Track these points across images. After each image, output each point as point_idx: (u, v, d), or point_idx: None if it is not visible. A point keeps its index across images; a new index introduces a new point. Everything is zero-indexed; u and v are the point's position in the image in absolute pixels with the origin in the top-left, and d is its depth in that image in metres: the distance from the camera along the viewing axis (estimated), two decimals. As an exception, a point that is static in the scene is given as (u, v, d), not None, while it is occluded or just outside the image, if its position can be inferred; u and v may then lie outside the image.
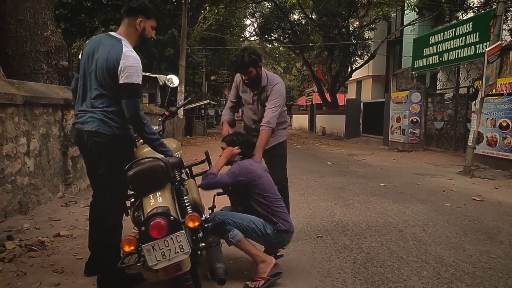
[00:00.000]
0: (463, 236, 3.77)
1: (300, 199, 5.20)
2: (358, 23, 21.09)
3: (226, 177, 2.73)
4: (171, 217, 1.95)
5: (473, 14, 13.91)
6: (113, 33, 2.39)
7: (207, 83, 28.54)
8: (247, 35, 29.67)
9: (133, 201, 2.35)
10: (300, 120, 30.38)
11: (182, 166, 2.51)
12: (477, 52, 9.46)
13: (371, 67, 22.57)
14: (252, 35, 28.91)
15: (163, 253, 1.91)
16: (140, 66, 2.27)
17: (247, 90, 3.36)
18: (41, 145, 4.34)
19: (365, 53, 21.11)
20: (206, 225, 2.21)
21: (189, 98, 3.38)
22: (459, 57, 10.29)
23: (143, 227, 1.91)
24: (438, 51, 11.19)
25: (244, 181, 2.71)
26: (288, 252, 3.19)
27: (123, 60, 2.20)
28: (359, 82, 26.10)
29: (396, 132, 13.40)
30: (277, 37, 25.83)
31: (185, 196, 2.32)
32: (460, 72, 11.52)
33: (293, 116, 34.72)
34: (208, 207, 2.95)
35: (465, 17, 14.67)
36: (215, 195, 2.93)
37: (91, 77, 2.32)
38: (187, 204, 2.28)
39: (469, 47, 9.84)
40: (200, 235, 2.17)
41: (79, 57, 2.46)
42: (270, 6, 23.45)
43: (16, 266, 2.83)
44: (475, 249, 3.41)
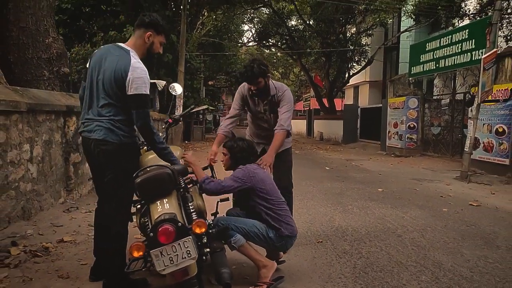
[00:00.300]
0: (460, 241, 3.83)
1: (299, 204, 5.25)
2: (355, 29, 21.25)
3: (230, 181, 2.76)
4: (179, 223, 2.00)
5: (469, 21, 14.07)
6: (121, 44, 2.45)
7: (205, 88, 28.63)
8: (245, 40, 29.84)
9: (139, 207, 2.40)
10: (298, 125, 30.49)
11: (187, 173, 2.56)
12: (473, 59, 9.59)
13: (368, 73, 22.72)
14: (250, 40, 29.09)
15: (171, 259, 1.96)
16: (148, 76, 2.34)
17: (255, 101, 3.41)
18: (43, 152, 4.39)
19: (362, 59, 21.28)
20: (210, 231, 2.27)
21: (192, 106, 3.41)
22: (455, 63, 10.42)
23: (152, 233, 1.97)
24: (435, 57, 11.33)
25: (248, 186, 2.76)
26: (289, 257, 3.24)
27: (131, 72, 2.27)
28: (356, 88, 26.26)
29: (394, 138, 13.50)
30: (275, 42, 26.01)
31: (190, 203, 2.37)
32: (456, 78, 11.65)
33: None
34: (211, 213, 3.00)
35: (461, 24, 14.84)
36: (218, 201, 2.99)
37: (98, 86, 2.38)
38: (192, 211, 2.33)
39: (465, 54, 9.97)
40: (204, 240, 2.22)
41: (86, 65, 2.52)
42: (268, 12, 23.63)
43: (22, 271, 2.87)
44: (472, 254, 3.47)
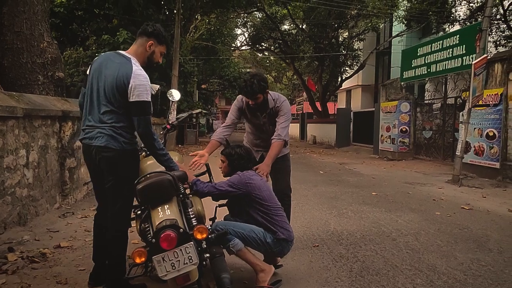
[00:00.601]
0: (454, 245, 3.90)
1: (295, 208, 5.28)
2: (347, 33, 21.45)
3: (225, 186, 2.79)
4: (180, 229, 2.03)
5: (459, 27, 14.30)
6: (122, 52, 2.49)
7: (198, 92, 28.62)
8: (238, 44, 29.92)
9: (139, 213, 2.43)
10: (291, 129, 30.64)
11: (186, 179, 2.59)
12: (463, 64, 9.75)
13: (361, 77, 22.92)
14: (243, 44, 29.15)
15: (172, 264, 1.99)
16: (149, 83, 2.37)
17: (254, 114, 3.44)
18: (39, 157, 4.39)
19: (354, 63, 21.47)
20: (209, 236, 2.30)
21: (189, 112, 3.42)
22: (446, 68, 10.58)
23: (154, 239, 1.99)
24: (426, 62, 11.49)
25: (244, 192, 2.80)
26: (286, 262, 3.27)
27: (133, 79, 2.30)
28: (349, 92, 26.46)
29: (386, 141, 13.63)
30: (268, 46, 26.12)
31: (190, 208, 2.40)
32: (447, 83, 11.82)
33: (284, 124, 34.83)
34: (209, 218, 3.03)
35: (452, 29, 15.09)
36: (216, 207, 3.02)
37: (99, 93, 2.40)
38: (192, 216, 2.36)
39: (456, 59, 10.13)
40: (204, 245, 2.25)
41: (87, 72, 2.55)
42: (261, 16, 23.72)
43: (20, 278, 2.87)
44: (465, 257, 3.54)
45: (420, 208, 5.54)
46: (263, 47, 26.37)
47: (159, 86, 3.59)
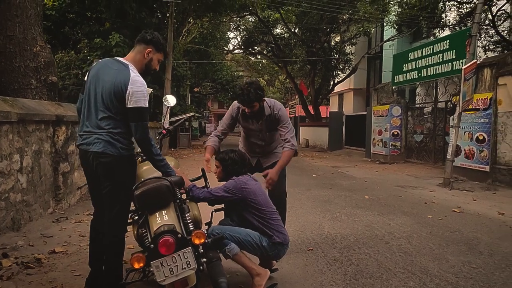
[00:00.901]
0: (445, 247, 3.97)
1: (289, 212, 5.28)
2: (339, 38, 21.66)
3: (221, 191, 2.82)
4: (179, 235, 2.05)
5: (449, 32, 14.52)
6: (120, 58, 2.51)
7: (191, 95, 28.61)
8: (231, 48, 29.99)
9: (136, 218, 2.44)
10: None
11: (183, 184, 2.62)
12: (454, 69, 9.90)
13: (353, 81, 23.12)
14: (235, 48, 29.24)
15: (171, 269, 2.01)
16: (147, 90, 2.40)
17: (250, 122, 3.46)
18: (33, 162, 4.37)
19: (346, 67, 21.67)
20: (206, 241, 2.32)
21: (183, 116, 3.45)
22: (437, 73, 10.73)
23: (152, 245, 2.01)
24: (417, 67, 11.64)
25: (239, 197, 2.83)
26: (282, 265, 3.30)
27: (131, 85, 2.32)
28: (341, 95, 26.65)
29: (378, 145, 13.75)
30: (261, 50, 26.22)
31: (187, 213, 2.42)
32: (438, 87, 11.98)
33: (276, 128, 34.95)
34: (205, 222, 3.05)
35: (442, 34, 15.31)
36: (212, 211, 3.04)
37: (97, 99, 2.42)
38: (189, 221, 2.39)
39: (446, 64, 10.28)
40: (201, 250, 2.27)
41: (85, 78, 2.57)
42: (254, 20, 23.84)
43: (15, 284, 2.86)
44: (457, 259, 3.61)
45: (412, 211, 5.61)
46: (256, 50, 26.49)
47: (151, 89, 3.62)
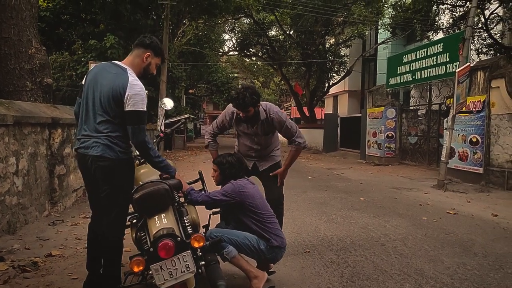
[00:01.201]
0: (440, 249, 4.01)
1: (285, 214, 5.24)
2: (334, 40, 21.76)
3: (219, 195, 2.84)
4: (178, 238, 2.06)
5: (442, 34, 14.65)
6: (118, 62, 2.52)
7: (186, 97, 28.58)
8: (226, 49, 30.01)
9: (134, 221, 2.45)
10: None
11: (181, 188, 2.63)
12: (447, 71, 10.02)
13: (347, 83, 23.25)
14: (231, 50, 29.25)
15: (170, 273, 2.02)
16: (145, 94, 2.40)
17: (245, 126, 3.46)
18: (29, 164, 4.35)
19: (341, 69, 21.77)
20: (204, 244, 2.33)
21: (181, 119, 3.46)
22: (431, 75, 10.85)
23: (152, 248, 2.02)
24: (411, 69, 11.75)
25: (237, 201, 2.84)
26: (279, 268, 3.32)
27: (129, 89, 2.33)
28: (335, 97, 26.77)
29: (373, 147, 13.83)
30: (256, 52, 26.26)
31: (186, 217, 2.43)
32: (432, 90, 12.08)
33: (271, 129, 35.01)
34: (203, 225, 3.06)
35: (435, 37, 15.44)
36: (210, 214, 3.05)
37: (95, 103, 2.42)
38: (187, 224, 2.40)
39: (440, 66, 10.40)
40: (199, 253, 2.28)
41: (82, 82, 2.57)
42: (249, 22, 23.88)
43: (12, 287, 2.85)
44: (452, 261, 3.64)
45: (407, 213, 5.65)
46: (251, 52, 26.52)
47: (146, 91, 3.62)
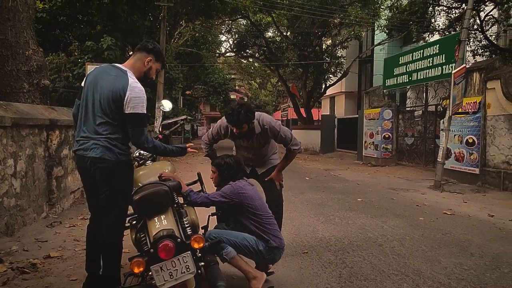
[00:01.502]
0: (437, 249, 4.03)
1: (283, 215, 5.35)
2: (331, 41, 21.82)
3: (218, 196, 2.84)
4: (178, 239, 2.08)
5: (438, 36, 14.74)
6: (118, 65, 2.53)
7: (183, 98, 28.57)
8: (223, 51, 30.04)
9: (134, 223, 2.46)
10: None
11: (181, 189, 2.64)
12: (443, 73, 10.07)
13: (344, 84, 23.30)
14: (228, 51, 29.28)
15: (170, 273, 2.03)
16: (145, 96, 2.42)
17: (239, 140, 3.45)
18: (27, 166, 4.35)
19: (338, 70, 21.81)
20: (204, 245, 2.34)
21: (178, 121, 3.46)
22: (427, 77, 10.90)
23: (152, 249, 2.03)
24: (408, 70, 11.81)
25: (236, 202, 2.86)
26: (277, 268, 3.34)
27: (129, 91, 2.34)
28: (332, 98, 26.82)
29: (370, 148, 13.88)
30: (253, 53, 26.30)
31: (185, 218, 2.45)
32: (428, 91, 12.15)
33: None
34: (201, 226, 3.08)
35: (431, 38, 15.54)
36: (209, 215, 3.07)
37: (95, 104, 2.43)
38: (187, 225, 2.41)
39: (436, 68, 10.45)
40: (199, 254, 2.30)
41: (82, 84, 2.58)
42: (246, 24, 23.91)
43: (11, 289, 2.85)
44: (449, 261, 3.67)
45: (404, 214, 5.68)
46: (248, 53, 26.55)
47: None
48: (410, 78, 11.70)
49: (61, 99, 13.30)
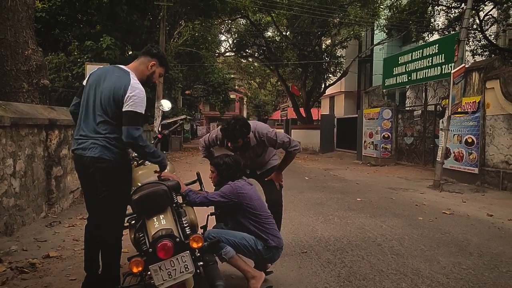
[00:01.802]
0: (436, 249, 4.04)
1: (283, 215, 5.36)
2: (330, 41, 21.82)
3: (217, 196, 2.85)
4: (177, 239, 2.08)
5: (438, 36, 14.75)
6: (122, 66, 2.54)
7: (182, 98, 28.53)
8: (222, 50, 30.02)
9: (133, 222, 2.46)
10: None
11: (179, 189, 2.64)
12: (443, 72, 10.08)
13: (344, 84, 23.30)
14: (227, 50, 29.26)
15: (169, 273, 2.03)
16: (145, 98, 2.42)
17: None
18: (26, 166, 4.35)
19: (337, 70, 21.83)
20: (203, 244, 2.35)
21: (178, 120, 3.46)
22: (426, 76, 10.91)
23: (151, 249, 2.04)
24: (407, 70, 11.82)
25: (235, 202, 2.86)
26: (276, 268, 3.34)
27: (130, 90, 2.35)
28: (332, 98, 26.83)
29: (369, 147, 13.89)
30: (252, 53, 26.29)
31: (184, 217, 2.45)
32: (427, 91, 12.16)
33: (268, 130, 35.07)
34: (200, 226, 3.08)
35: (431, 38, 15.55)
36: (208, 215, 3.07)
37: (95, 103, 2.43)
38: (186, 225, 2.42)
39: (435, 68, 10.46)
40: (197, 254, 2.30)
41: (83, 83, 2.59)
42: (245, 23, 23.90)
43: (10, 289, 2.86)
44: (448, 261, 3.68)
45: (404, 213, 5.69)
46: (247, 53, 26.53)
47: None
48: (410, 78, 11.71)
49: (60, 98, 13.28)
